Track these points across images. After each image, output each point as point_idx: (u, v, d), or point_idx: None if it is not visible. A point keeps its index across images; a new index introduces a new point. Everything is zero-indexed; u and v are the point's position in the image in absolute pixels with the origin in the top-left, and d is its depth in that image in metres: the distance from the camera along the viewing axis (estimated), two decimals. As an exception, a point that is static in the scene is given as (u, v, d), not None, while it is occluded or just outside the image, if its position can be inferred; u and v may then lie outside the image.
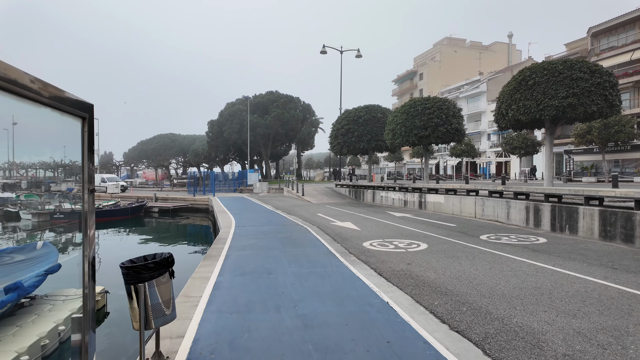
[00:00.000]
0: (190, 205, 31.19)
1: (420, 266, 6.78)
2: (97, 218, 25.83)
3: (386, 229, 11.40)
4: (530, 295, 5.06)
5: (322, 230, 11.51)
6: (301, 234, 10.67)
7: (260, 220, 14.05)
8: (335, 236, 10.31)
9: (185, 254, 15.88)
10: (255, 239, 9.98)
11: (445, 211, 15.71)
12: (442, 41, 75.28)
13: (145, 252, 14.89)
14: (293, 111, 45.39)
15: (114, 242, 19.51)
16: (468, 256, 7.54)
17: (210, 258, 7.64)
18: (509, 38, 76.35)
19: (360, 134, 24.34)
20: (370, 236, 10.17)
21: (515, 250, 8.03)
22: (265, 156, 48.87)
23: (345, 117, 25.27)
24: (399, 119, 19.47)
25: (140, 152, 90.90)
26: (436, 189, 17.23)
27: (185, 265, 12.22)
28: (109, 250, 17.34)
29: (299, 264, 6.99)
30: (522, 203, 11.55)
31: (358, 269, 6.64)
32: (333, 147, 26.13)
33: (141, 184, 51.20)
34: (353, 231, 11.14)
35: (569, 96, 11.57)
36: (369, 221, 13.40)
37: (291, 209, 18.43)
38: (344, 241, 9.51)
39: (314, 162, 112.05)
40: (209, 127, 48.59)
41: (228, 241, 9.59)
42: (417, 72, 73.21)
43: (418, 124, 18.60)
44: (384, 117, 24.73)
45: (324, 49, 32.15)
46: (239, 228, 12.06)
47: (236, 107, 45.77)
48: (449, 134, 18.75)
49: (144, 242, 19.18)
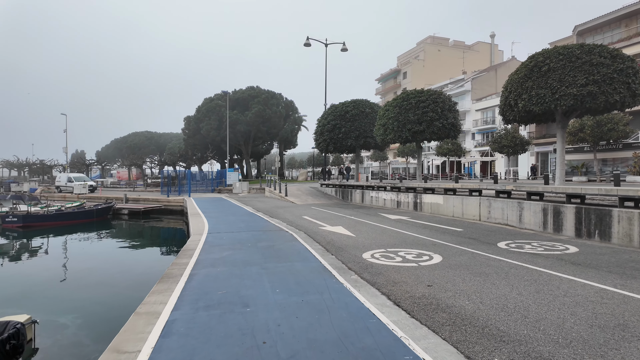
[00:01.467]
0: (164, 206, 28.91)
1: (446, 289, 5.17)
2: (58, 221, 23.35)
3: (385, 235, 9.80)
4: (623, 339, 3.51)
5: (310, 237, 9.81)
6: (286, 243, 8.94)
7: (238, 225, 12.23)
8: (327, 245, 8.62)
9: (149, 265, 13.87)
10: (231, 249, 8.18)
11: (444, 213, 14.26)
12: (425, 40, 74.73)
13: (103, 263, 12.48)
14: (275, 107, 43.44)
15: (70, 251, 17.21)
16: (498, 272, 6.00)
17: (168, 280, 5.83)
18: (491, 38, 76.51)
19: (348, 130, 22.75)
20: (369, 245, 8.53)
21: (551, 264, 6.54)
22: (246, 155, 46.74)
23: (332, 112, 23.63)
24: (391, 112, 17.96)
25: (114, 150, 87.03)
26: (432, 188, 15.78)
27: (143, 281, 10.27)
28: (56, 262, 15.06)
29: (285, 288, 5.28)
30: (538, 205, 10.16)
31: (365, 295, 4.98)
32: (318, 144, 24.45)
33: (113, 183, 48.16)
34: (347, 238, 9.48)
35: (588, 84, 10.25)
36: (363, 225, 11.78)
37: (274, 211, 16.66)
38: (339, 252, 7.84)
39: (297, 162, 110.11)
40: (185, 124, 46.07)
41: (196, 253, 7.76)
42: (401, 71, 72.42)
43: (412, 118, 17.14)
44: (372, 113, 23.23)
45: (307, 41, 30.45)
46: (212, 235, 10.22)
47: (215, 103, 43.47)
48: (444, 130, 17.36)
49: (106, 250, 16.99)
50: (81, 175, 39.72)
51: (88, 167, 54.52)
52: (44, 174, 63.50)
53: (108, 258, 15.20)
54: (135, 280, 11.32)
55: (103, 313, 8.71)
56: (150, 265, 13.83)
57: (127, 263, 14.27)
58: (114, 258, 15.24)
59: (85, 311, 8.79)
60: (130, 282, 11.08)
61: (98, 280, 11.52)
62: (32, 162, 60.16)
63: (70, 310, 8.77)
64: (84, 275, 12.27)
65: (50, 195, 36.77)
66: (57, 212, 22.55)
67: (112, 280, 11.40)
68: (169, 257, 14.76)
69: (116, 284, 10.86)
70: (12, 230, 20.73)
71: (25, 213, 21.30)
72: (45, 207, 23.45)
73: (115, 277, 11.79)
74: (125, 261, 14.76)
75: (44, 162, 62.11)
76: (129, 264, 14.06)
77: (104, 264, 13.96)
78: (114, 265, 13.65)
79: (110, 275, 12.01)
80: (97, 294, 10.12)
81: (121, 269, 13.03)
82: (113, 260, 14.71)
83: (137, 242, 19.25)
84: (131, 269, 13.08)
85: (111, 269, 13.00)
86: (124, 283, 10.94)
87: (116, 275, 11.97)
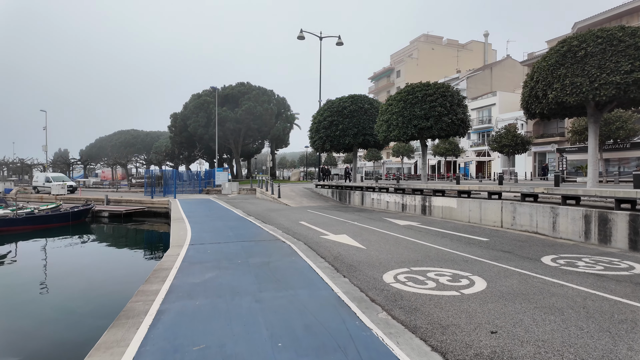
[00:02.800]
0: (147, 208, 26.98)
1: (520, 339, 3.63)
2: (28, 226, 21.31)
3: (401, 247, 8.25)
4: None
5: (312, 249, 8.21)
6: (285, 258, 7.33)
7: (225, 233, 10.57)
8: (334, 261, 7.04)
9: (124, 279, 12.06)
10: (216, 268, 6.54)
11: (458, 218, 12.78)
12: (419, 38, 73.65)
13: (67, 276, 10.01)
14: (266, 104, 41.65)
15: (31, 260, 15.24)
16: (573, 307, 4.48)
17: (126, 323, 4.17)
18: (485, 37, 75.84)
19: (346, 127, 21.18)
20: (386, 261, 6.97)
21: (632, 292, 5.06)
22: (236, 154, 44.86)
23: (329, 107, 22.04)
24: (395, 107, 16.45)
25: (98, 149, 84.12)
26: (443, 190, 14.32)
27: (110, 303, 8.43)
28: (15, 274, 13.14)
29: (291, 339, 3.68)
30: (577, 210, 8.72)
31: (409, 351, 3.41)
32: (314, 142, 22.83)
33: (95, 183, 45.82)
34: (357, 251, 7.91)
35: (634, 70, 8.84)
36: (371, 233, 10.22)
37: (266, 215, 15.02)
38: (351, 271, 6.26)
39: (288, 162, 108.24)
40: (172, 121, 43.97)
41: (171, 275, 6.10)
42: (394, 70, 71.18)
43: (418, 113, 15.65)
44: (372, 109, 21.71)
45: (301, 33, 28.90)
46: (194, 248, 8.55)
47: (203, 99, 41.50)
48: (453, 126, 15.91)
49: (77, 259, 15.12)
50: (60, 175, 37.43)
51: (70, 167, 51.98)
52: (24, 174, 60.69)
53: (75, 269, 13.37)
54: (101, 301, 9.56)
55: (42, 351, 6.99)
56: (125, 278, 12.07)
57: (98, 276, 12.44)
58: (83, 269, 13.41)
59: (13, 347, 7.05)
60: (95, 304, 9.31)
61: (52, 303, 9.75)
62: (10, 162, 57.28)
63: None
64: (32, 298, 10.48)
65: (27, 197, 34.47)
66: (27, 216, 20.52)
67: (72, 301, 9.60)
68: (149, 268, 13.03)
69: (75, 308, 9.07)
70: (-25, 236, 18.68)
71: (-10, 216, 19.26)
72: (16, 210, 21.44)
73: (76, 297, 9.98)
74: (95, 274, 12.93)
75: (23, 161, 59.30)
76: (99, 278, 12.25)
77: (68, 278, 12.13)
78: (79, 280, 11.84)
79: (70, 294, 10.22)
80: (44, 324, 8.36)
81: (88, 284, 11.23)
82: (81, 272, 12.88)
83: (114, 249, 17.40)
84: (101, 284, 11.29)
85: (74, 285, 11.21)
86: (86, 306, 9.14)
87: (78, 295, 10.16)
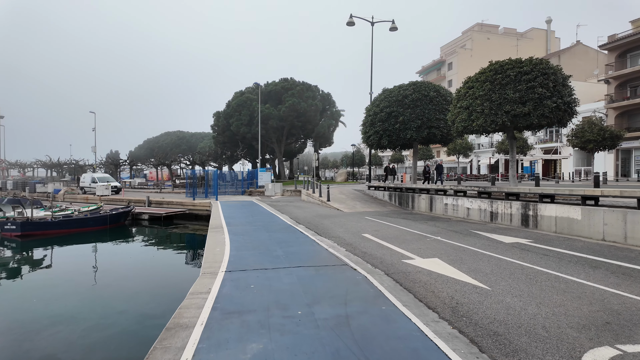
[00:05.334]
0: (188, 211, 25.34)
1: None
2: (63, 229, 19.85)
3: (547, 288, 5.18)
4: None
5: (403, 287, 5.37)
6: (369, 309, 4.54)
7: (273, 252, 7.99)
8: (458, 320, 4.14)
9: (155, 297, 9.78)
10: (263, 331, 3.88)
11: (584, 234, 9.36)
12: (472, 27, 68.31)
13: (95, 295, 6.73)
14: (311, 100, 39.19)
15: (61, 268, 13.53)
16: None
17: None
18: (547, 24, 68.93)
19: (407, 119, 18.04)
20: (551, 322, 3.97)
21: None
22: (279, 153, 42.90)
23: (386, 97, 19.01)
24: (478, 90, 13.16)
25: (146, 150, 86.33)
26: (551, 195, 10.88)
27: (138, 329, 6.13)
28: (40, 288, 11.30)
29: None
30: None
31: None
32: (368, 137, 19.90)
33: (140, 184, 45.75)
34: (480, 295, 4.96)
35: None
36: (474, 257, 7.20)
37: (319, 224, 12.37)
38: (510, 355, 3.35)
39: (330, 162, 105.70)
40: (215, 120, 42.78)
41: (192, 342, 3.51)
42: (446, 62, 66.41)
43: (512, 97, 12.28)
44: (438, 97, 18.42)
45: (351, 19, 26.19)
46: (232, 278, 5.99)
47: (245, 97, 39.84)
48: (558, 111, 12.36)
49: (101, 270, 13.25)
50: (105, 176, 37.23)
51: (118, 168, 52.72)
52: (78, 174, 62.80)
53: (102, 284, 11.40)
54: (127, 325, 7.26)
55: None
56: (156, 298, 9.86)
57: (122, 297, 10.32)
58: (108, 284, 11.42)
59: None
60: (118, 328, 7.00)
61: (67, 325, 7.60)
62: (63, 162, 59.38)
63: None
64: (53, 316, 8.43)
65: (73, 197, 34.42)
66: (63, 219, 19.32)
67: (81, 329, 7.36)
68: (186, 284, 10.81)
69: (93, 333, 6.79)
70: (10, 240, 17.65)
71: (25, 219, 18.17)
72: (52, 213, 20.46)
73: (99, 321, 7.74)
74: (121, 293, 10.84)
75: (77, 162, 61.35)
76: (125, 298, 10.12)
77: (96, 297, 10.07)
78: (109, 300, 9.75)
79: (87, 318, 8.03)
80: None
81: (116, 306, 9.08)
82: (104, 287, 10.86)
83: (149, 257, 15.52)
84: (127, 306, 9.09)
85: (98, 310, 9.10)
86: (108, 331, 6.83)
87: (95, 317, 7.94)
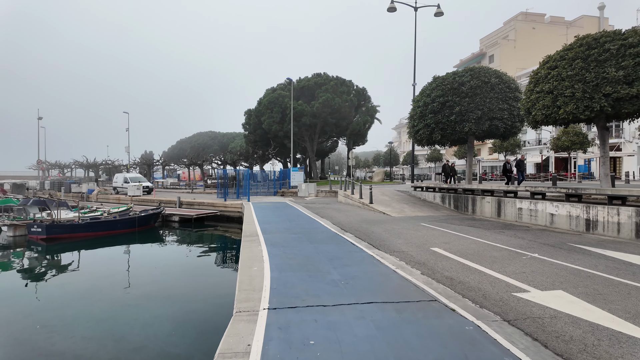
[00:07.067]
0: (219, 212, 24.01)
1: None
2: (90, 232, 18.16)
3: None
4: None
5: (558, 354, 3.31)
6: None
7: (327, 275, 6.10)
8: None
9: (180, 313, 8.14)
10: None
11: None
12: (516, 17, 63.94)
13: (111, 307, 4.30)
14: (345, 95, 37.17)
15: (80, 277, 12.25)
16: None
17: None
18: (599, 10, 63.42)
19: (464, 109, 15.71)
20: None
21: None
22: (311, 152, 41.18)
23: (438, 85, 16.72)
24: (566, 70, 10.73)
25: (179, 150, 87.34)
26: (678, 199, 8.39)
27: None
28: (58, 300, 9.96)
29: None
30: None
31: None
32: (416, 132, 17.66)
33: (172, 184, 45.46)
34: None
35: None
36: (615, 289, 5.01)
37: (369, 232, 10.38)
38: None
39: (360, 161, 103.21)
40: (246, 118, 41.64)
41: None
42: (486, 54, 62.58)
43: (613, 75, 9.80)
44: (501, 84, 15.99)
45: (392, 4, 24.18)
46: (279, 321, 4.13)
47: (277, 93, 38.39)
48: (674, 93, 9.75)
49: (126, 276, 11.85)
50: (137, 176, 36.85)
51: (151, 168, 52.90)
52: (113, 174, 63.91)
53: (121, 296, 9.94)
54: None
55: None
56: (181, 314, 8.22)
57: (144, 316, 8.77)
58: (129, 297, 9.94)
59: None
60: None
61: None
62: (99, 163, 60.48)
63: None
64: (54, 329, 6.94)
65: (106, 197, 34.18)
66: (90, 221, 18.35)
67: None
68: (213, 298, 9.14)
69: None
70: (36, 243, 16.80)
71: (51, 222, 17.28)
72: (87, 212, 19.65)
73: None
74: (143, 310, 9.32)
75: (113, 162, 62.42)
76: (147, 319, 8.57)
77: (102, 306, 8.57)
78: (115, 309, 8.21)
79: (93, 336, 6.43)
80: None
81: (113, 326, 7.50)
82: (123, 301, 9.37)
83: (176, 266, 14.08)
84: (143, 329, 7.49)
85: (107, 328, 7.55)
86: None
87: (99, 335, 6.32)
